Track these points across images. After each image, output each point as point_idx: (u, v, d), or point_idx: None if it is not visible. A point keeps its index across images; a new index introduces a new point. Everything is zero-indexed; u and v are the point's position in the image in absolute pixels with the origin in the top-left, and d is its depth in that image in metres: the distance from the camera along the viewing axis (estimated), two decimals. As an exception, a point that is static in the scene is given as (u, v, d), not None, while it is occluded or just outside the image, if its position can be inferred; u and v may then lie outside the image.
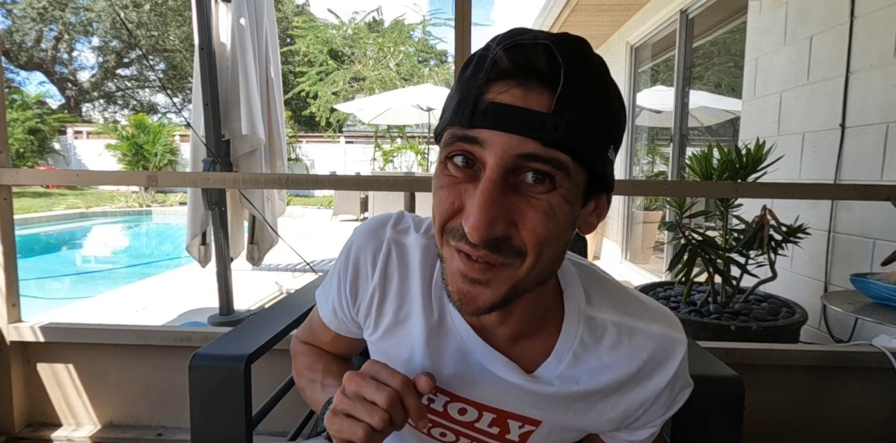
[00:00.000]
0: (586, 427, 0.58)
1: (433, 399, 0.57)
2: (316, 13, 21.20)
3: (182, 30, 18.15)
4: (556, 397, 0.54)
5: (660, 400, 0.56)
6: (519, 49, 0.40)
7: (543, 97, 0.40)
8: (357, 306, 0.60)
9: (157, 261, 6.46)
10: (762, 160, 1.93)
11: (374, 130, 13.09)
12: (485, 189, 0.40)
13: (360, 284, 0.59)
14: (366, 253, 0.59)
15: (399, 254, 0.58)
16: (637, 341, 0.54)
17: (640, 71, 4.80)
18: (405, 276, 0.58)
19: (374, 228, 0.60)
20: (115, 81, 22.00)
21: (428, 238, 0.58)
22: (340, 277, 0.61)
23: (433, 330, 0.56)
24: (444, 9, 21.98)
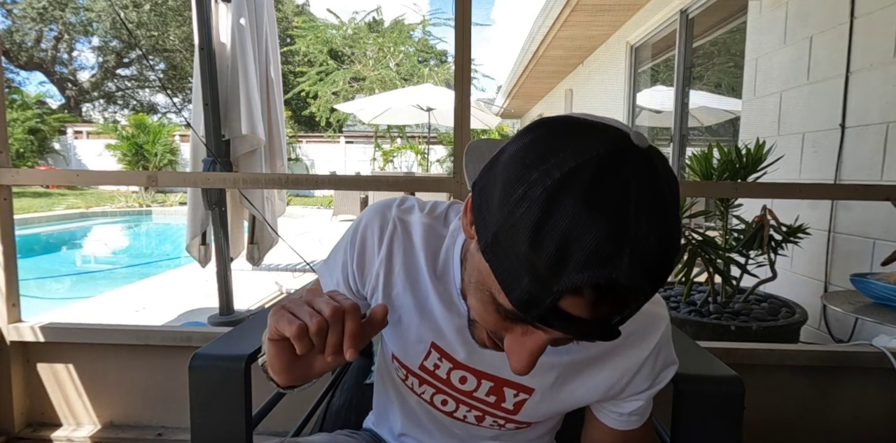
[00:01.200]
0: (573, 395, 0.62)
1: (438, 365, 0.63)
2: (316, 13, 21.21)
3: (182, 30, 18.15)
4: (548, 364, 0.59)
5: (643, 371, 0.60)
6: (608, 290, 0.36)
7: (609, 315, 0.39)
8: (364, 279, 0.65)
9: (157, 261, 6.46)
10: (762, 160, 1.93)
11: (374, 130, 13.10)
12: (537, 350, 0.43)
13: (367, 257, 0.64)
14: (373, 229, 0.64)
15: (403, 230, 0.63)
16: None
17: (640, 71, 4.80)
18: (410, 250, 0.62)
19: (381, 208, 0.65)
20: (115, 81, 22.01)
21: (431, 218, 0.64)
22: (347, 252, 0.65)
23: (440, 300, 0.61)
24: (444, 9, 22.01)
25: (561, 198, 0.36)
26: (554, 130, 0.41)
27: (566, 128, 0.40)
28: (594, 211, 0.35)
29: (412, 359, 0.65)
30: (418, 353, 0.64)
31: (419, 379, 0.66)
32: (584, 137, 0.38)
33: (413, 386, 0.68)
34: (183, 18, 17.89)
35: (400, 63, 13.63)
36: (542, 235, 0.36)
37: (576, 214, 0.35)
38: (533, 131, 0.42)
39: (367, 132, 14.07)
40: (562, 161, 0.37)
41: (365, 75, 13.22)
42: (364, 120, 9.12)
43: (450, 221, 0.64)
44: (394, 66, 13.54)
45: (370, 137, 13.75)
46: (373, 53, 13.72)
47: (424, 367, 0.64)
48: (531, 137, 0.41)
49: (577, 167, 0.36)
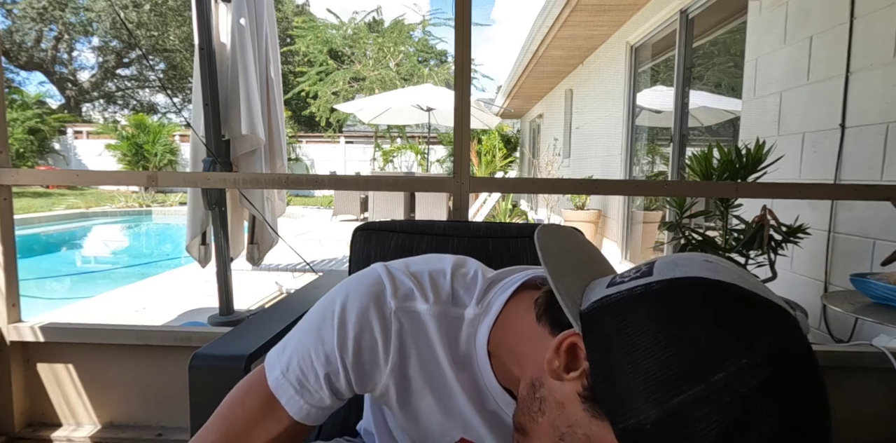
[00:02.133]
0: None
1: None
2: (316, 13, 21.20)
3: (182, 30, 18.15)
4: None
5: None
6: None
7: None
8: (365, 387, 0.55)
9: (157, 261, 6.46)
10: (762, 160, 1.93)
11: (374, 130, 13.10)
12: None
13: (368, 369, 0.53)
14: (371, 333, 0.52)
15: (413, 324, 0.53)
16: None
17: (640, 71, 4.80)
18: (425, 347, 0.54)
19: (372, 304, 0.53)
20: (115, 81, 22.01)
21: (441, 305, 0.54)
22: (333, 361, 0.52)
23: (465, 392, 0.55)
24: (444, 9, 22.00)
25: (759, 413, 0.34)
26: (726, 307, 0.38)
27: (740, 305, 0.38)
28: (793, 434, 0.35)
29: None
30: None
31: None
32: (769, 326, 0.37)
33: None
34: (183, 18, 17.89)
35: (400, 63, 13.63)
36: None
37: (775, 436, 0.34)
38: (692, 306, 0.38)
39: (367, 132, 14.07)
40: (754, 364, 0.35)
41: (365, 75, 13.22)
42: (364, 120, 9.13)
43: (461, 300, 0.56)
44: (394, 66, 13.54)
45: (370, 137, 13.76)
46: (373, 53, 13.72)
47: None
48: (691, 314, 0.37)
49: (774, 375, 0.35)
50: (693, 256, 0.44)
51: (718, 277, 0.40)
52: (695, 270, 0.41)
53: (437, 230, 1.34)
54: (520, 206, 9.42)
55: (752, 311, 0.38)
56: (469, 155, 1.51)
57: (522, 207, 9.59)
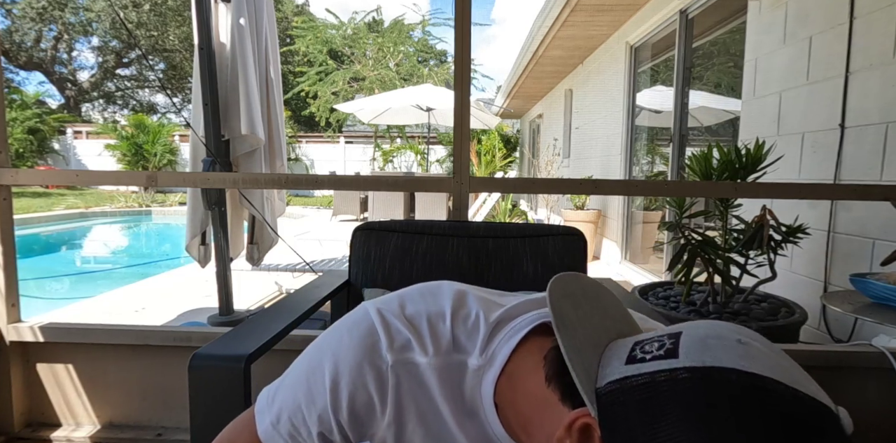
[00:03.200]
0: None
1: None
2: (315, 13, 21.20)
3: (182, 30, 18.15)
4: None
5: None
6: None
7: None
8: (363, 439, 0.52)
9: (157, 261, 6.46)
10: (762, 160, 1.94)
11: (373, 130, 13.10)
12: None
13: (367, 423, 0.50)
14: (367, 392, 0.49)
15: (411, 379, 0.50)
16: None
17: (640, 71, 4.80)
18: (426, 402, 0.50)
19: (366, 352, 0.50)
20: (114, 81, 22.01)
21: (441, 356, 0.51)
22: (326, 420, 0.50)
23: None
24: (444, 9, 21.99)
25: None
26: (770, 415, 0.36)
27: (785, 408, 0.36)
28: None
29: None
30: None
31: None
32: (818, 434, 0.36)
33: None
34: (183, 18, 17.89)
35: (400, 63, 13.63)
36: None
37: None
38: (732, 411, 0.36)
39: (367, 132, 14.07)
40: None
41: (365, 75, 13.22)
42: (364, 120, 9.12)
43: (462, 347, 0.52)
44: (393, 66, 13.54)
45: (370, 137, 13.76)
46: (372, 53, 13.72)
47: None
48: (734, 423, 0.35)
49: None
50: (722, 333, 0.41)
51: (755, 369, 0.38)
52: (728, 358, 0.38)
53: (436, 230, 1.34)
54: (520, 206, 9.42)
55: (799, 420, 0.36)
56: (469, 155, 1.52)
57: (522, 207, 9.59)
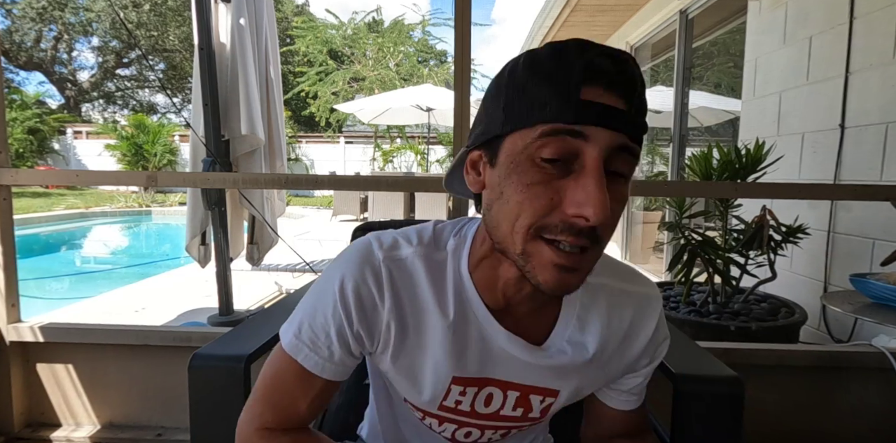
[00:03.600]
0: (593, 386, 0.64)
1: (460, 400, 0.60)
2: (315, 13, 21.19)
3: (182, 30, 18.15)
4: (572, 366, 0.59)
5: (647, 351, 0.63)
6: (610, 58, 0.45)
7: (623, 99, 0.45)
8: (373, 338, 0.58)
9: (157, 261, 6.46)
10: (762, 160, 1.94)
11: (373, 131, 13.10)
12: (597, 175, 0.44)
13: (370, 315, 0.57)
14: (366, 283, 0.56)
15: (400, 270, 0.57)
16: (624, 299, 0.61)
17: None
18: (414, 289, 0.57)
19: (362, 256, 0.57)
20: (114, 81, 22.00)
21: (424, 247, 0.59)
22: (339, 316, 0.56)
23: (453, 328, 0.57)
24: (443, 9, 21.99)
25: (534, 49, 0.48)
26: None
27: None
28: (558, 43, 0.47)
29: (430, 402, 0.61)
30: (437, 395, 0.60)
31: (439, 419, 0.63)
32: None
33: (432, 426, 0.65)
34: (183, 18, 17.89)
35: (400, 63, 13.62)
36: (539, 59, 0.46)
37: (550, 45, 0.47)
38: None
39: (367, 132, 14.06)
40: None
41: (365, 75, 13.21)
42: (364, 120, 9.12)
43: (442, 241, 0.60)
44: (393, 66, 13.53)
45: (370, 137, 13.75)
46: (372, 53, 13.72)
47: (445, 406, 0.61)
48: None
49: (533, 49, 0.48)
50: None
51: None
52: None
53: (436, 230, 1.35)
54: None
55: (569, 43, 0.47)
56: (469, 155, 1.51)
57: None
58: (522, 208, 0.46)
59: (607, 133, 0.44)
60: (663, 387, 0.77)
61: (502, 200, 0.48)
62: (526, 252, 0.48)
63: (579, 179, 0.44)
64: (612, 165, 0.46)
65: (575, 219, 0.45)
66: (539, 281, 0.48)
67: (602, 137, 0.44)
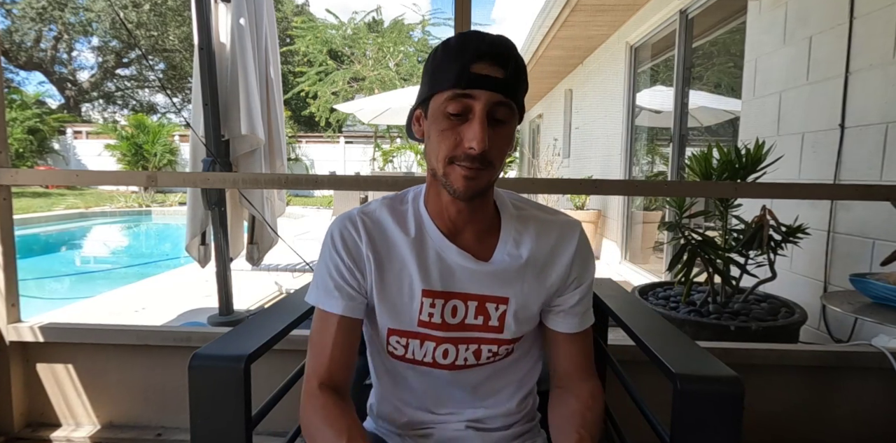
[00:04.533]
0: (538, 293, 0.78)
1: (432, 313, 0.76)
2: (315, 13, 21.19)
3: (182, 30, 18.15)
4: (511, 270, 0.77)
5: (575, 264, 0.80)
6: (490, 43, 0.68)
7: (500, 70, 0.67)
8: (362, 270, 0.76)
9: (157, 261, 6.46)
10: (762, 160, 1.94)
11: (373, 130, 13.10)
12: (481, 121, 0.67)
13: (355, 252, 0.76)
14: (347, 229, 0.77)
15: (371, 218, 0.79)
16: (550, 224, 0.81)
17: (640, 71, 4.80)
18: (382, 227, 0.78)
19: (345, 215, 0.79)
20: (114, 81, 22.01)
21: (389, 200, 0.81)
22: (336, 259, 0.76)
23: (415, 247, 0.76)
24: (443, 9, 21.98)
25: (449, 38, 0.72)
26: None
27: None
28: (462, 34, 0.71)
29: (410, 321, 0.76)
30: (414, 311, 0.76)
31: (420, 339, 0.77)
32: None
33: (415, 354, 0.78)
34: (182, 18, 17.89)
35: (399, 63, 13.62)
36: (450, 46, 0.69)
37: (458, 35, 0.71)
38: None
39: (367, 132, 14.06)
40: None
41: (364, 75, 13.21)
42: (364, 120, 9.11)
43: (405, 196, 0.82)
44: (393, 66, 13.53)
45: (370, 137, 13.75)
46: (372, 53, 13.72)
47: (422, 322, 0.76)
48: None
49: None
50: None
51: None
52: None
53: (436, 230, 1.35)
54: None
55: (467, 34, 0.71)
56: (469, 155, 1.51)
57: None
58: (440, 146, 0.69)
59: (488, 94, 0.66)
60: (663, 387, 0.77)
61: (430, 141, 0.71)
62: (445, 173, 0.70)
63: (471, 125, 0.67)
64: (495, 114, 0.68)
65: (468, 150, 0.67)
66: (454, 188, 0.70)
67: (485, 97, 0.66)
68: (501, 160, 0.71)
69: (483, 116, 0.66)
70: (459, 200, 0.72)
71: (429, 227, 0.77)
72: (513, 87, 0.68)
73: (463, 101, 0.67)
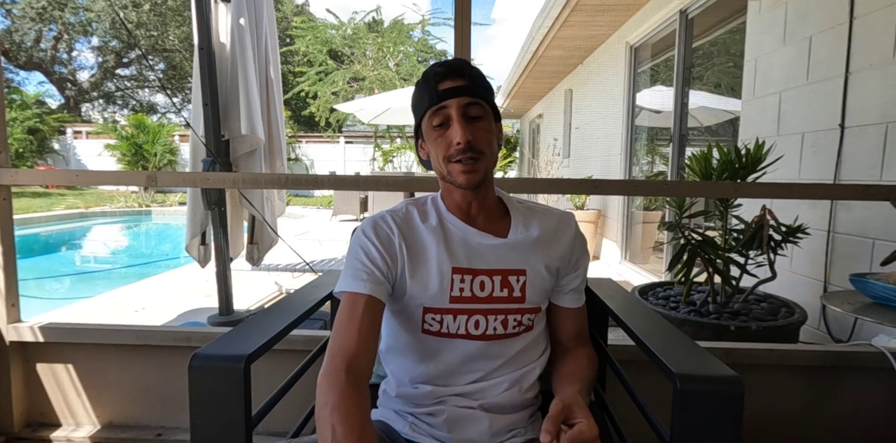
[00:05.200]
0: (549, 265, 0.91)
1: (463, 288, 0.86)
2: (315, 13, 21.19)
3: (182, 30, 18.15)
4: (525, 244, 0.91)
5: (576, 243, 0.95)
6: (447, 65, 0.87)
7: (461, 79, 0.85)
8: (395, 261, 0.87)
9: (157, 261, 6.46)
10: (762, 160, 1.94)
11: (373, 130, 13.09)
12: (458, 120, 0.84)
13: (388, 245, 0.87)
14: (380, 226, 0.89)
15: (400, 216, 0.92)
16: (549, 215, 0.96)
17: (640, 71, 4.80)
18: (410, 222, 0.91)
19: (375, 217, 0.92)
20: (114, 81, 22.00)
21: (413, 202, 0.96)
22: (369, 247, 0.86)
23: (441, 235, 0.89)
24: (443, 9, 21.99)
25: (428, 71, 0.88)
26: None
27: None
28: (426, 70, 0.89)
29: (443, 298, 0.86)
30: (446, 289, 0.86)
31: (454, 314, 0.87)
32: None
33: (449, 328, 0.87)
34: (182, 18, 17.88)
35: (399, 63, 13.62)
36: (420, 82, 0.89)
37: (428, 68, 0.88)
38: None
39: (367, 132, 14.06)
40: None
41: (364, 75, 13.21)
42: (364, 120, 9.11)
43: (423, 199, 0.96)
44: (393, 66, 13.52)
45: (370, 137, 13.75)
46: (372, 53, 13.71)
47: (454, 298, 0.86)
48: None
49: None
50: None
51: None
52: None
53: (436, 230, 1.35)
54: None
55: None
56: (469, 155, 1.51)
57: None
58: (437, 152, 0.86)
59: (457, 99, 0.84)
60: (663, 387, 0.77)
61: (432, 154, 0.88)
62: (449, 172, 0.86)
63: (452, 127, 0.84)
64: (469, 113, 0.84)
65: (456, 147, 0.83)
66: (459, 182, 0.86)
67: (455, 102, 0.84)
68: (490, 148, 0.86)
69: (459, 117, 0.83)
70: (466, 189, 0.87)
71: (450, 218, 0.91)
72: (476, 90, 0.85)
73: (441, 113, 0.84)
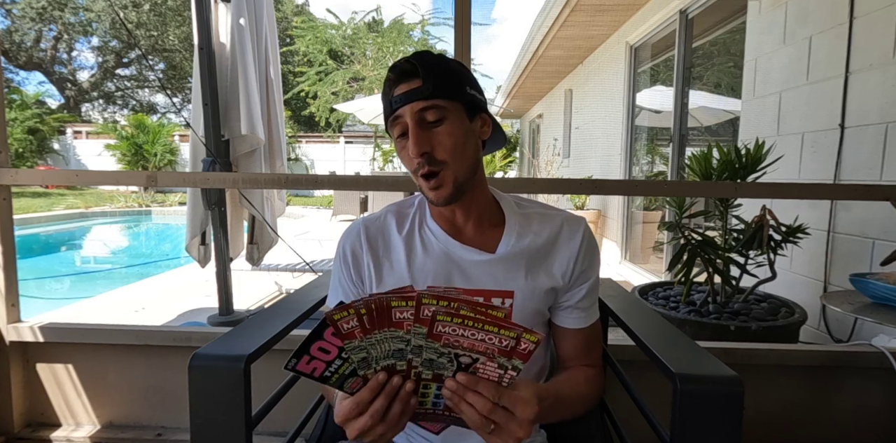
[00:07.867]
0: (541, 283, 0.79)
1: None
2: (315, 13, 21.19)
3: (181, 30, 18.15)
4: (516, 259, 0.79)
5: (581, 254, 0.82)
6: (397, 67, 0.75)
7: (416, 80, 0.73)
8: (363, 279, 0.82)
9: (157, 261, 6.46)
10: (762, 160, 1.94)
11: (373, 130, 13.09)
12: (413, 132, 0.73)
13: (357, 264, 0.82)
14: (351, 240, 0.84)
15: (374, 224, 0.85)
16: (553, 219, 0.84)
17: (640, 71, 4.80)
18: (385, 231, 0.84)
19: (351, 226, 0.86)
20: (114, 81, 22.01)
21: (397, 205, 0.87)
22: (341, 271, 0.83)
23: (418, 248, 0.81)
24: (443, 9, 21.99)
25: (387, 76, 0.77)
26: None
27: None
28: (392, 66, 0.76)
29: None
30: None
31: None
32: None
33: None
34: (182, 18, 17.89)
35: (399, 63, 13.59)
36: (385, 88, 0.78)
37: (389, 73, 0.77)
38: None
39: (367, 132, 14.06)
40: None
41: (364, 75, 13.21)
42: (363, 120, 9.12)
43: (413, 200, 0.87)
44: (393, 66, 13.50)
45: (370, 137, 13.75)
46: (372, 53, 13.71)
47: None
48: None
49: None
50: None
51: None
52: None
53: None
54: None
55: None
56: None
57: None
58: (404, 164, 0.77)
59: (409, 106, 0.73)
60: (663, 387, 0.77)
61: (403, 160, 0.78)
62: (420, 187, 0.77)
63: (409, 138, 0.73)
64: (426, 118, 0.73)
65: (416, 159, 0.73)
66: (430, 200, 0.77)
67: (408, 110, 0.73)
68: (455, 156, 0.75)
69: (414, 126, 0.73)
70: (439, 207, 0.78)
71: (433, 228, 0.82)
72: (434, 90, 0.73)
73: (398, 122, 0.75)
